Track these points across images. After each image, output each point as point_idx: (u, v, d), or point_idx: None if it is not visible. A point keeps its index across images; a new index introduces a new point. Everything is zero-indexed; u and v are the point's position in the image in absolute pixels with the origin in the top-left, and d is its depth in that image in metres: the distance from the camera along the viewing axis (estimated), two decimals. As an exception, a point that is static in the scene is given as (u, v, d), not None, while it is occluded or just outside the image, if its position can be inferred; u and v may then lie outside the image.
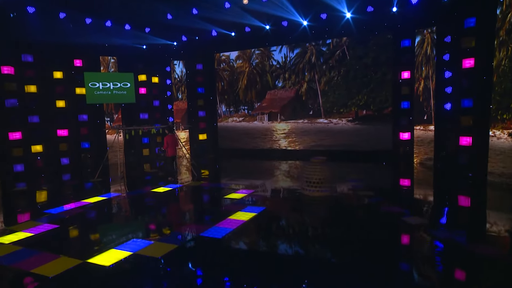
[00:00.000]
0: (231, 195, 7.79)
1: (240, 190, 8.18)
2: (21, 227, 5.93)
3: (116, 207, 7.45)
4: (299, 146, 15.28)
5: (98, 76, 13.97)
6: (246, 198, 7.39)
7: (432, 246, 4.78)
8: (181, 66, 21.36)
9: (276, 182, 9.64)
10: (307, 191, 8.20)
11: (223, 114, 16.58)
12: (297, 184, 9.16)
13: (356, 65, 13.39)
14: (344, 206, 7.47)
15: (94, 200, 7.65)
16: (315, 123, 14.61)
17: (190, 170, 11.66)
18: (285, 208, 7.23)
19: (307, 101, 14.70)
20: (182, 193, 8.48)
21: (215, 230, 5.70)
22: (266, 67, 15.42)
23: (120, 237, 5.60)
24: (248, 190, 8.21)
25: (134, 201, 7.86)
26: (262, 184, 8.99)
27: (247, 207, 6.78)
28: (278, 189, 8.65)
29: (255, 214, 6.40)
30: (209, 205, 7.80)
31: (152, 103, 15.91)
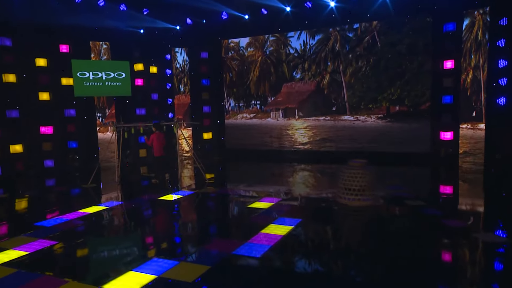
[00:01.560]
0: (255, 204, 7.91)
1: (264, 198, 8.18)
2: (11, 244, 5.61)
3: (122, 218, 7.34)
4: (321, 146, 14.85)
5: (88, 64, 13.79)
6: (275, 208, 7.43)
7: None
8: (183, 54, 21.10)
9: (303, 188, 9.61)
10: (345, 200, 7.93)
11: (231, 110, 16.29)
12: (329, 191, 9.03)
13: (388, 54, 13.01)
14: (394, 218, 7.13)
15: (92, 210, 7.55)
16: (339, 120, 14.23)
17: (197, 174, 11.42)
18: (324, 219, 7.07)
19: (330, 95, 14.34)
20: (196, 201, 8.47)
21: (249, 247, 5.42)
22: (282, 56, 15.08)
23: (136, 255, 5.25)
24: (274, 198, 8.22)
25: (141, 211, 7.80)
26: (288, 191, 8.90)
27: (279, 218, 6.76)
28: (308, 197, 8.61)
29: (292, 227, 6.20)
30: (233, 216, 7.64)
31: (150, 97, 15.57)
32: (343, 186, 7.72)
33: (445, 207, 7.49)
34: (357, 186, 7.53)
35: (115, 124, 10.23)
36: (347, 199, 7.60)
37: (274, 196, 8.41)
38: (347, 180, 7.66)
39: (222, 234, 5.99)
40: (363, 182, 7.49)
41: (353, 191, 7.54)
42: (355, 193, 7.52)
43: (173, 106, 16.52)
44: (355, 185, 7.55)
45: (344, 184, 7.71)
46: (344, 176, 7.71)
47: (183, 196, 8.61)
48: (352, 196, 7.52)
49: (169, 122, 11.08)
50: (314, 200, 8.24)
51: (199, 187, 9.89)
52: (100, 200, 8.46)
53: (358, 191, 7.52)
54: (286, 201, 7.98)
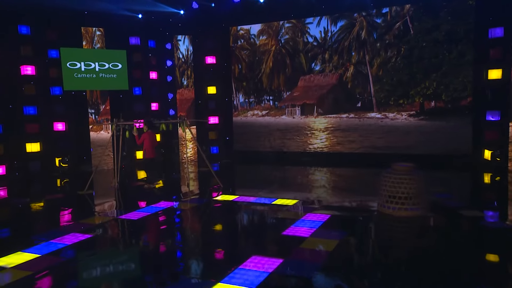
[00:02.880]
0: (284, 213, 7.66)
1: (292, 207, 8.04)
2: (9, 261, 5.34)
3: (133, 230, 7.16)
4: (345, 148, 14.60)
5: (79, 53, 13.50)
6: (308, 218, 7.24)
7: None
8: (186, 43, 20.85)
9: (334, 195, 9.44)
10: (389, 209, 7.73)
11: (240, 106, 16.09)
12: (365, 198, 8.85)
13: (423, 42, 12.75)
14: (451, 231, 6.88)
15: (96, 221, 7.31)
16: (365, 118, 14.01)
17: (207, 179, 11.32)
18: (370, 232, 6.88)
19: (354, 89, 14.17)
20: (214, 210, 8.40)
21: (294, 264, 5.20)
22: (299, 45, 14.88)
23: (161, 276, 5.03)
24: (304, 207, 8.09)
25: (156, 221, 7.53)
26: (318, 199, 8.65)
27: (319, 231, 6.46)
28: (345, 207, 8.43)
29: (336, 241, 6.01)
30: (262, 227, 7.50)
31: (149, 91, 15.34)
32: (386, 194, 7.47)
33: (508, 219, 7.25)
34: (404, 193, 7.27)
35: (115, 122, 10.01)
36: (392, 208, 7.34)
37: (304, 204, 8.22)
38: (392, 186, 7.40)
39: (257, 249, 5.74)
40: (411, 189, 7.23)
41: (398, 199, 7.28)
42: (401, 201, 7.25)
43: (174, 102, 16.31)
44: (401, 192, 7.29)
45: (387, 191, 7.45)
46: (388, 182, 7.45)
47: (198, 204, 8.41)
48: (398, 205, 7.25)
49: (175, 120, 10.86)
50: (352, 210, 8.06)
51: (211, 193, 9.74)
52: (105, 209, 8.32)
53: (404, 200, 7.25)
54: (319, 210, 7.77)
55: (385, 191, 7.49)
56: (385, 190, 7.48)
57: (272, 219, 7.33)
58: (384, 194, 7.50)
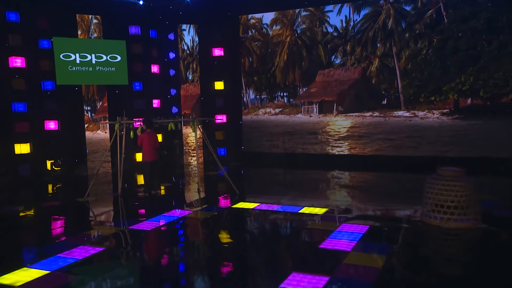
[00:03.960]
0: (314, 223, 7.57)
1: (323, 217, 7.92)
2: (16, 278, 5.15)
3: (148, 242, 6.98)
4: (368, 150, 14.41)
5: (74, 43, 13.11)
6: (345, 230, 7.08)
7: None
8: (192, 33, 20.67)
9: (367, 203, 9.37)
10: (436, 220, 7.60)
11: (251, 103, 15.93)
12: (404, 206, 8.71)
13: (458, 32, 12.52)
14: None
15: (106, 231, 7.24)
16: (391, 116, 13.81)
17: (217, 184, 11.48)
18: (421, 246, 6.75)
19: (379, 85, 13.95)
20: (235, 219, 8.27)
21: (341, 283, 5.00)
22: (317, 36, 14.70)
23: None
24: (336, 216, 7.99)
25: (170, 233, 7.38)
26: (349, 207, 8.74)
27: (360, 244, 6.33)
28: (383, 216, 8.29)
29: (385, 256, 5.84)
30: (295, 240, 7.37)
31: (150, 86, 15.16)
32: (432, 202, 7.29)
33: None
34: (454, 202, 7.07)
35: (118, 120, 9.84)
36: (439, 218, 7.15)
37: (335, 213, 8.06)
38: (438, 194, 7.21)
39: (296, 265, 5.52)
40: (461, 197, 7.03)
41: (447, 209, 7.09)
42: (450, 211, 7.06)
43: (178, 98, 16.08)
44: (450, 200, 7.10)
45: (433, 199, 7.26)
46: (434, 189, 7.26)
47: (216, 213, 8.24)
48: (446, 215, 7.05)
49: (185, 119, 10.70)
50: (391, 219, 7.87)
51: (227, 200, 9.61)
52: (111, 218, 8.20)
53: (454, 209, 7.06)
54: (354, 220, 7.60)
55: (430, 199, 7.30)
56: (431, 198, 7.29)
57: (304, 230, 7.14)
58: (429, 202, 7.31)
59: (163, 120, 10.51)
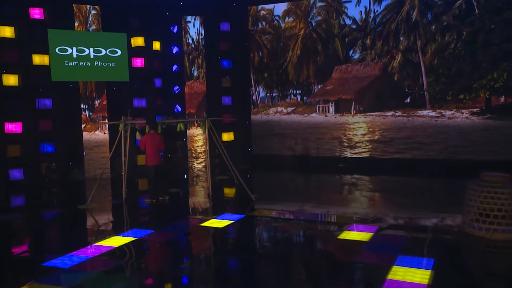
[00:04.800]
0: (344, 234, 7.34)
1: (352, 226, 7.77)
2: None
3: (162, 253, 6.95)
4: (390, 153, 14.24)
5: (70, 36, 12.98)
6: (380, 241, 6.99)
7: None
8: (197, 25, 20.55)
9: (398, 210, 9.27)
10: (480, 231, 7.44)
11: (261, 101, 15.86)
12: (439, 215, 8.57)
13: (491, 24, 12.32)
14: None
15: (117, 242, 6.98)
16: (415, 116, 13.69)
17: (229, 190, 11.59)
18: (467, 260, 6.54)
19: (402, 82, 13.87)
20: (256, 229, 8.27)
21: None
22: (334, 29, 14.56)
23: None
24: (366, 225, 7.82)
25: (188, 243, 7.42)
26: (380, 216, 8.59)
27: (398, 256, 6.15)
28: (418, 225, 8.12)
29: (429, 272, 5.66)
30: (326, 252, 7.24)
31: (153, 83, 15.02)
32: (475, 211, 7.09)
33: None
34: (501, 211, 6.89)
35: (123, 120, 9.67)
36: (484, 229, 6.96)
37: (364, 222, 8.00)
38: (483, 202, 7.02)
39: (337, 281, 5.33)
40: (509, 206, 6.85)
41: (494, 218, 6.89)
42: (497, 221, 6.86)
43: (182, 96, 15.78)
44: (496, 209, 6.91)
45: (477, 207, 7.07)
46: (478, 197, 7.06)
47: (233, 221, 8.07)
48: (493, 225, 6.86)
49: (194, 118, 10.53)
50: (428, 229, 7.70)
51: (245, 207, 9.43)
52: (119, 228, 8.16)
53: (501, 219, 6.87)
54: (387, 230, 7.51)
55: (474, 208, 7.11)
56: (474, 206, 7.11)
57: (336, 241, 6.95)
58: (472, 211, 7.12)
59: (171, 120, 10.34)
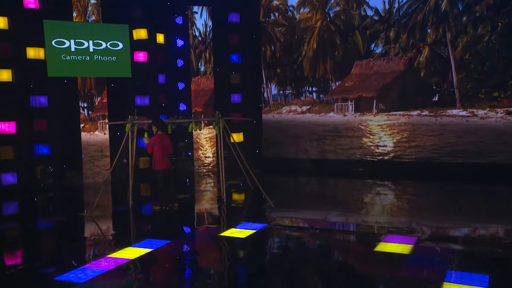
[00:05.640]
0: (381, 246, 7.23)
1: (388, 237, 7.67)
2: None
3: (185, 266, 6.90)
4: (415, 157, 14.10)
5: (68, 28, 12.96)
6: (423, 253, 6.83)
7: None
8: (204, 16, 20.61)
9: (438, 220, 8.95)
10: None
11: (273, 99, 15.82)
12: (488, 225, 8.41)
13: (529, 14, 12.20)
14: None
15: (131, 253, 7.00)
16: (443, 116, 13.63)
17: None
18: None
19: (429, 78, 13.86)
20: (280, 239, 8.18)
21: None
22: (354, 20, 14.52)
23: None
24: (404, 237, 7.73)
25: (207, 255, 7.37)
26: (417, 225, 8.44)
27: (447, 272, 5.95)
28: (464, 237, 7.91)
29: None
30: (371, 267, 7.03)
31: (156, 79, 14.98)
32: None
33: None
34: None
35: (130, 120, 9.52)
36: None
37: (400, 232, 7.74)
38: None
39: None
40: None
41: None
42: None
43: (187, 93, 15.78)
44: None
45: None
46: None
47: (255, 231, 8.00)
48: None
49: (209, 118, 10.39)
50: (475, 241, 7.49)
51: (263, 215, 9.31)
52: (131, 238, 7.99)
53: None
54: (427, 241, 7.32)
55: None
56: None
57: (374, 254, 6.72)
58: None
59: (181, 119, 10.19)
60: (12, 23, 12.14)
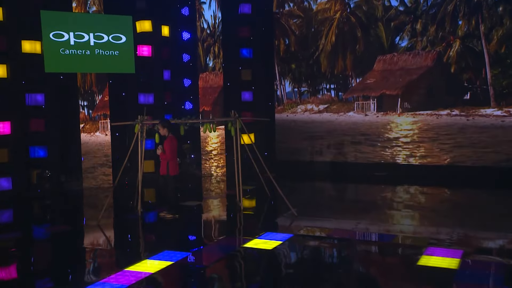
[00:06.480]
0: (425, 259, 7.05)
1: (430, 249, 7.47)
2: None
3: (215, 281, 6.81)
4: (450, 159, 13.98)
5: (67, 19, 12.89)
6: (471, 269, 6.70)
7: None
8: (213, 7, 20.60)
9: (479, 230, 8.83)
10: None
11: (287, 97, 15.80)
12: None
13: None
14: None
15: (151, 267, 6.93)
16: (476, 116, 13.58)
17: None
18: None
19: (460, 74, 13.85)
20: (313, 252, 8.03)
21: None
22: (377, 11, 14.50)
23: None
24: (448, 249, 7.54)
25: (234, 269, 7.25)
26: (459, 237, 8.30)
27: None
28: None
29: None
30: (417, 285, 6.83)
31: (161, 75, 14.97)
32: None
33: None
34: None
35: (140, 120, 9.43)
36: None
37: (441, 244, 7.60)
38: None
39: None
40: None
41: None
42: None
43: (195, 91, 15.80)
44: None
45: None
46: None
47: (282, 242, 7.88)
48: None
49: (224, 118, 10.52)
50: None
51: (286, 224, 9.26)
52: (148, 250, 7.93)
53: None
54: (475, 254, 7.13)
55: None
56: None
57: (418, 269, 6.54)
58: None
59: (194, 120, 10.07)
60: (7, 13, 12.10)
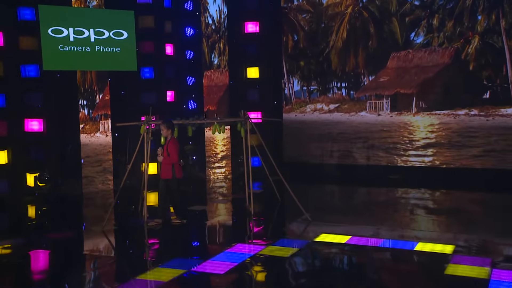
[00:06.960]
0: (452, 268, 7.00)
1: (456, 258, 7.42)
2: None
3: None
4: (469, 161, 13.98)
5: (66, 14, 12.88)
6: (503, 279, 6.55)
7: None
8: (218, 1, 20.55)
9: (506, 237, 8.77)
10: None
11: (295, 96, 15.84)
12: None
13: None
14: None
15: (163, 275, 6.86)
16: (497, 116, 13.60)
17: None
18: None
19: (479, 72, 13.91)
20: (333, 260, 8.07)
21: None
22: (391, 6, 14.57)
23: None
24: (475, 257, 7.55)
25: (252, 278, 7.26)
26: (485, 244, 8.32)
27: None
28: None
29: None
30: None
31: (164, 73, 14.95)
32: None
33: None
34: None
35: (146, 120, 9.40)
36: None
37: (467, 253, 7.69)
38: None
39: None
40: None
41: None
42: None
43: (198, 89, 15.79)
44: None
45: None
46: None
47: (298, 249, 7.95)
48: None
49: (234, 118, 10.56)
50: None
51: (300, 230, 9.39)
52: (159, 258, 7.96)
53: None
54: (504, 263, 7.11)
55: None
56: None
57: (448, 279, 6.55)
58: None
59: (201, 120, 10.00)
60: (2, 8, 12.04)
